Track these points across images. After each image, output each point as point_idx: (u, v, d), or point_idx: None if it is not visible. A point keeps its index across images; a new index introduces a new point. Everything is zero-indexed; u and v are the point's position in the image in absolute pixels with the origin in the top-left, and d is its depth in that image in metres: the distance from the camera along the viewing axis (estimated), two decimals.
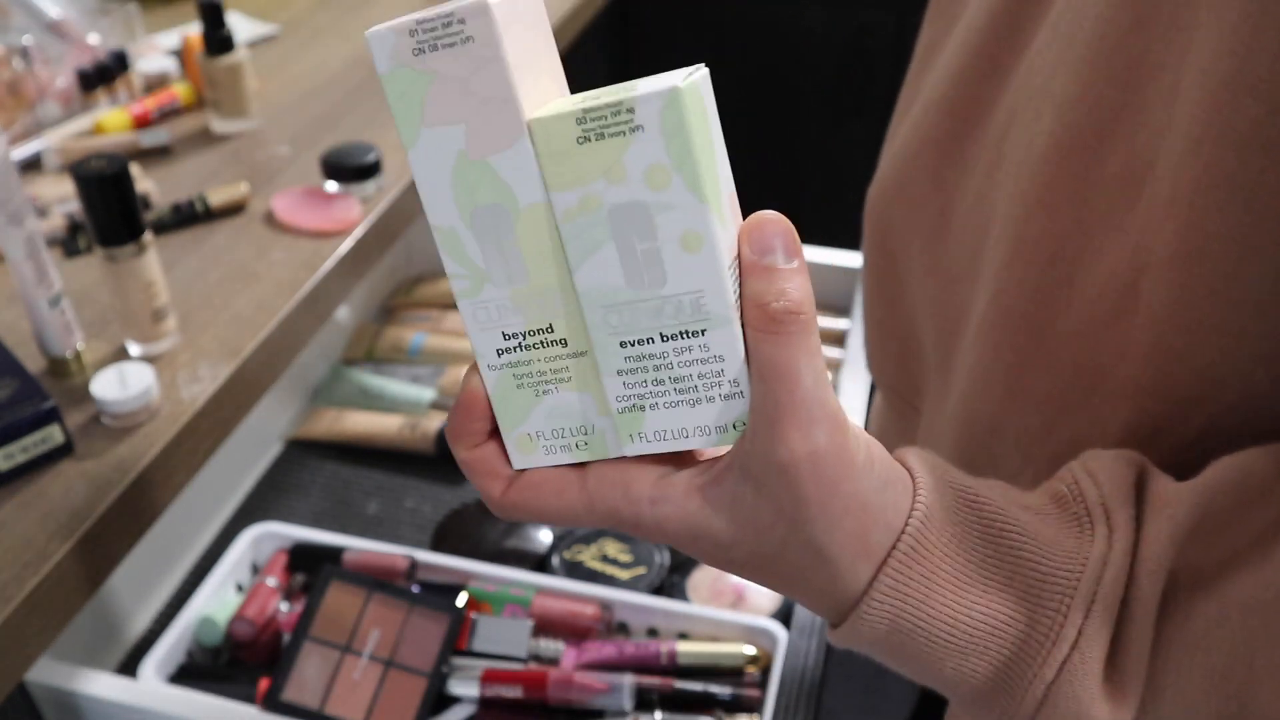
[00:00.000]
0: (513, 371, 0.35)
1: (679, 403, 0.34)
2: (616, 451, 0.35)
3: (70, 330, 0.74)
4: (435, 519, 0.92)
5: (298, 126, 1.08)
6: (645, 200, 0.31)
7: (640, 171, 0.31)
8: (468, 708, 0.73)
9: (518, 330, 0.34)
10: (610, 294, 0.33)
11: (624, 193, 0.32)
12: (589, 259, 0.33)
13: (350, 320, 1.13)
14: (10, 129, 1.02)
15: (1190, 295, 0.37)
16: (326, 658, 0.74)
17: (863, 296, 0.59)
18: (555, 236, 0.33)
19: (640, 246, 0.32)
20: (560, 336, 0.34)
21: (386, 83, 0.32)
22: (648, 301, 0.33)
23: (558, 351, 0.34)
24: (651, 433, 0.35)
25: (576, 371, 0.35)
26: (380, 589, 0.77)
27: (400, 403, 1.03)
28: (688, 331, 0.33)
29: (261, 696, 0.71)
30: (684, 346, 0.33)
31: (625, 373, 0.34)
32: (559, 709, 0.72)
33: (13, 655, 0.59)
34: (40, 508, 0.64)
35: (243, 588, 0.82)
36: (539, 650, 0.75)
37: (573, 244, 0.33)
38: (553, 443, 0.36)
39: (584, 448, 0.36)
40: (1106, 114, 0.39)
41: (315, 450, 1.00)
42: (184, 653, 0.77)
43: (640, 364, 0.34)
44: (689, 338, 0.33)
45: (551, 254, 0.33)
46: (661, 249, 0.32)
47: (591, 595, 0.78)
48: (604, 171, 0.31)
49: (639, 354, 0.34)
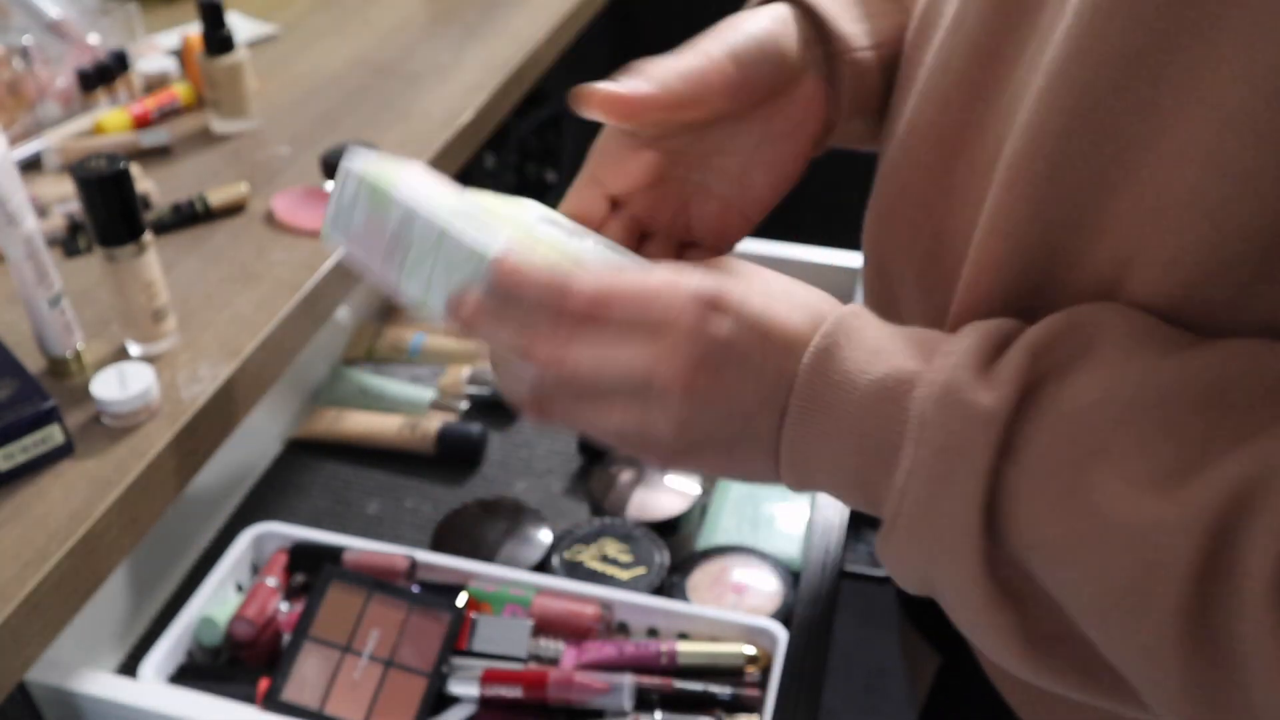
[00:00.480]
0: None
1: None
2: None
3: (70, 330, 0.75)
4: (435, 519, 0.92)
5: (298, 126, 1.08)
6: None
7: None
8: (468, 708, 0.73)
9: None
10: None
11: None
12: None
13: (350, 320, 1.13)
14: (10, 129, 1.02)
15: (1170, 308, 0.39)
16: (326, 658, 0.74)
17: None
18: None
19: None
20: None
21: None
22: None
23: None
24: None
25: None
26: (380, 589, 0.77)
27: (400, 403, 1.03)
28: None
29: (261, 696, 0.71)
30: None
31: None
32: (559, 709, 0.72)
33: (13, 655, 0.59)
34: (40, 508, 0.65)
35: (243, 588, 0.82)
36: (539, 650, 0.75)
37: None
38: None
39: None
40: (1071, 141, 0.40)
41: (315, 450, 1.00)
42: (184, 653, 0.77)
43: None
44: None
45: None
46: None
47: (591, 595, 0.78)
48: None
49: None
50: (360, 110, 1.11)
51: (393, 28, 1.30)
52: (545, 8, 1.32)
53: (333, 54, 1.23)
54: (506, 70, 1.18)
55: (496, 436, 1.01)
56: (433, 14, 1.33)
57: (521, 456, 0.99)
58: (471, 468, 0.98)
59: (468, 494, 0.96)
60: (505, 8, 1.34)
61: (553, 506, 0.94)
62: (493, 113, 1.16)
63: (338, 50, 1.24)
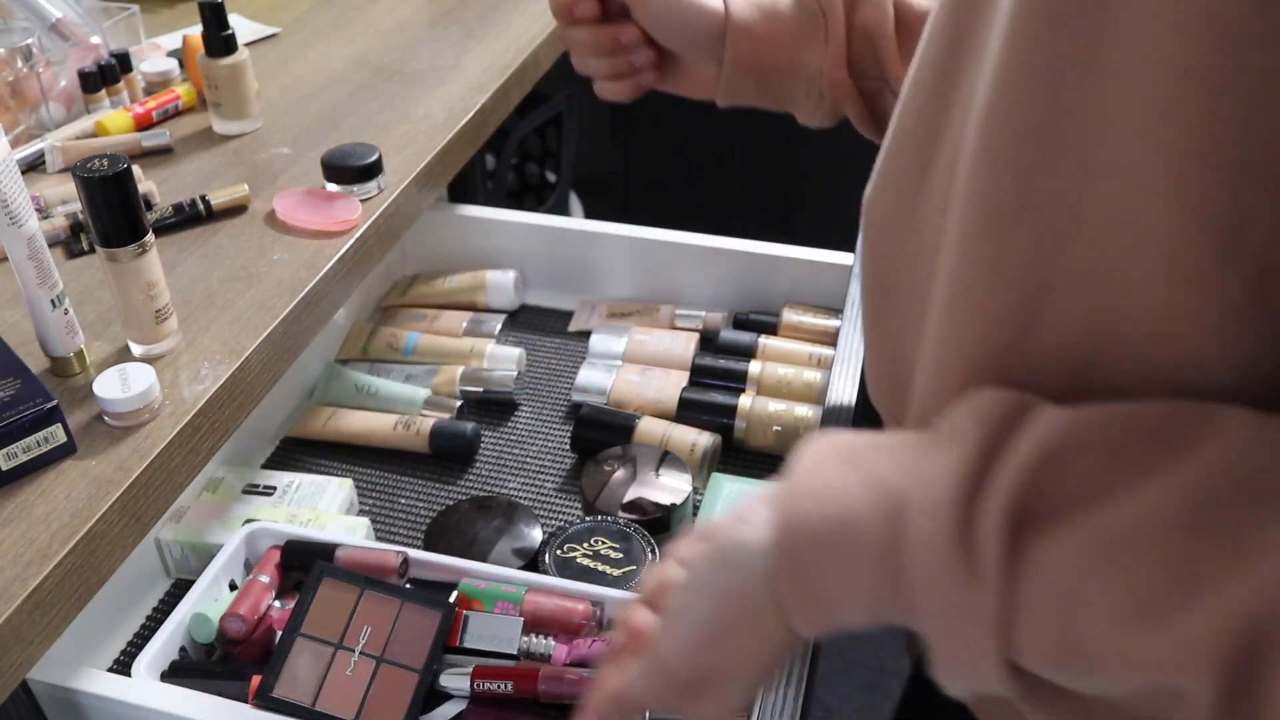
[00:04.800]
0: None
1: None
2: None
3: (72, 330, 0.75)
4: (428, 517, 0.93)
5: (299, 127, 1.09)
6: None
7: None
8: (459, 703, 0.74)
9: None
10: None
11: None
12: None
13: (345, 319, 1.14)
14: (13, 130, 1.03)
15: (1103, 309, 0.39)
16: (319, 654, 0.74)
17: (862, 324, 0.60)
18: None
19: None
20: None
21: None
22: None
23: None
24: None
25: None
26: (372, 586, 0.78)
27: (394, 401, 1.04)
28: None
29: (254, 693, 0.72)
30: None
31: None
32: (550, 705, 0.73)
33: (15, 654, 0.60)
34: (42, 507, 0.65)
35: (236, 585, 0.83)
36: (530, 647, 0.76)
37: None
38: None
39: None
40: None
41: (310, 448, 1.02)
42: (177, 650, 0.77)
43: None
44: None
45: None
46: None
47: (583, 593, 0.79)
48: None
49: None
50: (361, 111, 1.12)
51: (393, 28, 1.31)
52: (546, 8, 1.33)
53: (334, 55, 1.24)
54: (507, 71, 1.19)
55: (489, 435, 1.03)
56: (433, 15, 1.34)
57: (514, 455, 1.01)
58: (464, 466, 1.00)
59: (462, 492, 0.97)
60: (506, 9, 1.35)
61: (545, 504, 0.95)
62: (493, 113, 1.17)
63: (339, 51, 1.25)
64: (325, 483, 0.93)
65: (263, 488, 0.93)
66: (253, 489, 0.93)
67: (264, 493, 0.92)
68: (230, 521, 0.88)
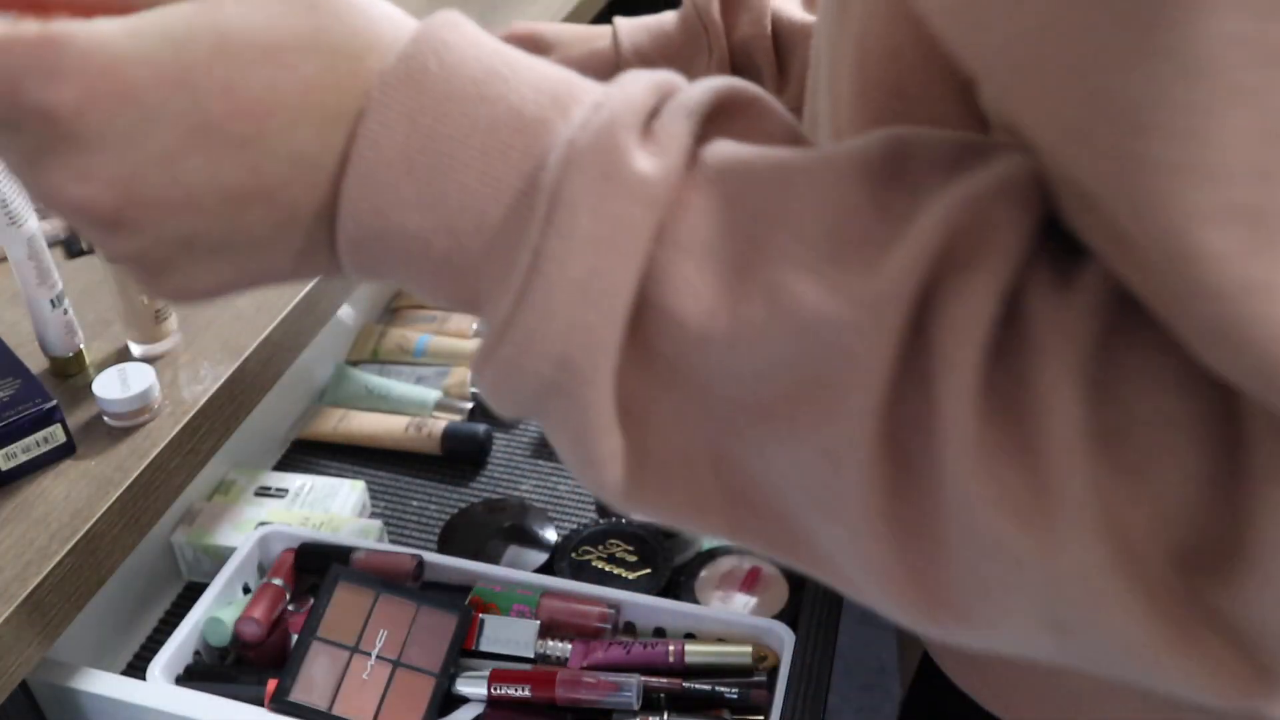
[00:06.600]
0: None
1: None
2: None
3: (72, 330, 0.75)
4: (441, 519, 0.92)
5: None
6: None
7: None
8: (476, 707, 0.73)
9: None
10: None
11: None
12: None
13: (355, 321, 1.13)
14: None
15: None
16: (335, 658, 0.73)
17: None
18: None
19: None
20: None
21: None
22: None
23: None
24: None
25: None
26: (388, 589, 0.77)
27: (405, 403, 1.03)
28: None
29: (269, 697, 0.71)
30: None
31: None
32: (566, 709, 0.72)
33: (15, 654, 0.59)
34: (42, 507, 0.64)
35: (250, 588, 0.82)
36: (546, 650, 0.75)
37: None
38: None
39: None
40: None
41: (321, 451, 1.00)
42: (191, 653, 0.77)
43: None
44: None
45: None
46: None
47: (598, 596, 0.77)
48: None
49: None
50: None
51: None
52: (546, 8, 1.32)
53: None
54: None
55: (502, 437, 1.01)
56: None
57: (526, 456, 0.99)
58: (477, 468, 0.98)
59: (474, 494, 0.95)
60: (506, 9, 1.33)
61: (559, 507, 0.93)
62: None
63: None
64: (337, 485, 0.91)
65: (275, 490, 0.91)
66: (265, 491, 0.91)
67: (276, 495, 0.91)
68: (243, 524, 0.87)
